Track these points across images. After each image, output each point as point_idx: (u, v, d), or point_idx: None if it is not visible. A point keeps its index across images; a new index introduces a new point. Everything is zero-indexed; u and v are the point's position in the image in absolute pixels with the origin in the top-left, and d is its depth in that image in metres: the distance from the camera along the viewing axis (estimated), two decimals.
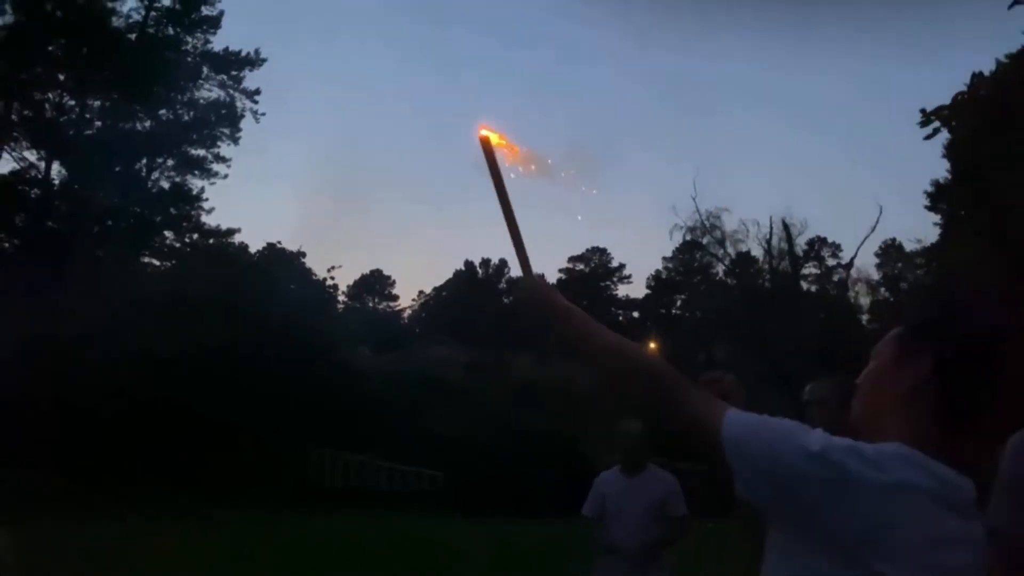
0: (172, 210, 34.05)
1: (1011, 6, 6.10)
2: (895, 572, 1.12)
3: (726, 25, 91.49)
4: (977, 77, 5.46)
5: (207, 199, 34.21)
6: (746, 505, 1.27)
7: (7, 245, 30.51)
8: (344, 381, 22.57)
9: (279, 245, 41.94)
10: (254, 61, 31.94)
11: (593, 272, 71.93)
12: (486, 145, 1.70)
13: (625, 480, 5.06)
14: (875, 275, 41.21)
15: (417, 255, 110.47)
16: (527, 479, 20.04)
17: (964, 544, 1.18)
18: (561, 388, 27.06)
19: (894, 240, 48.16)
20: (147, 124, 33.10)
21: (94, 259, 30.47)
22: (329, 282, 45.28)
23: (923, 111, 5.46)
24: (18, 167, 31.87)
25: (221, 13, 31.39)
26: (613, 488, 5.09)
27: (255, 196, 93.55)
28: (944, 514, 1.17)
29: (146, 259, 35.15)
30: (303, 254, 42.52)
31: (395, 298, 73.60)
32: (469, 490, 19.97)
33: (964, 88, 5.46)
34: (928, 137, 5.52)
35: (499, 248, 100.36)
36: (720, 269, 38.84)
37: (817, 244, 48.23)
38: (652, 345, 47.86)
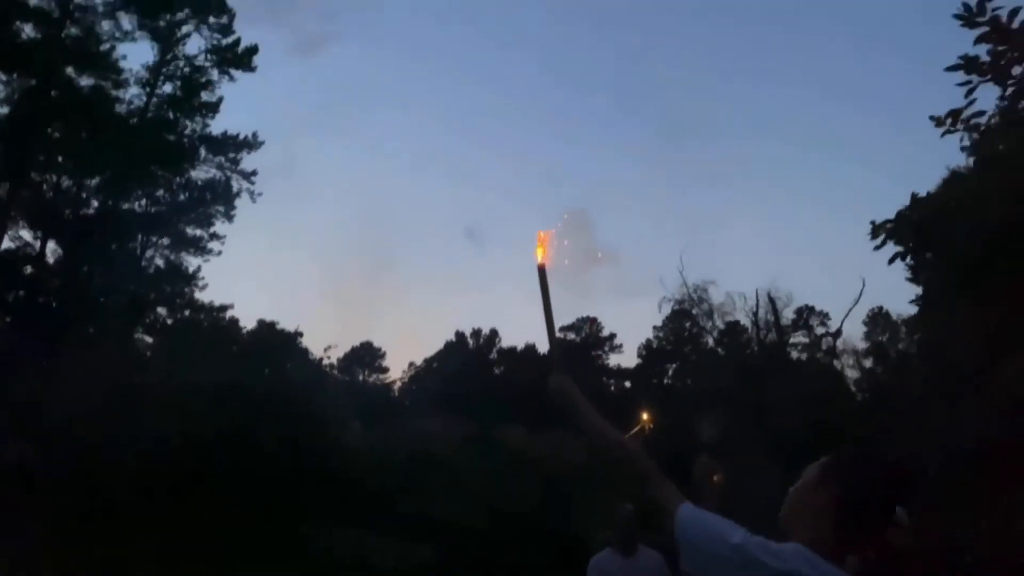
0: (166, 287, 34.42)
1: (947, 68, 5.87)
2: None
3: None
4: (914, 198, 5.72)
5: (203, 276, 34.63)
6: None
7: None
8: (338, 460, 22.66)
9: (278, 326, 43.02)
10: (252, 144, 32.98)
11: (584, 341, 71.93)
12: (541, 270, 2.26)
13: (621, 560, 5.31)
14: (862, 344, 41.65)
15: (408, 326, 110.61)
16: (518, 555, 19.96)
17: None
18: (552, 463, 27.05)
19: (881, 308, 48.99)
20: (143, 203, 33.81)
21: (88, 337, 30.66)
22: (326, 361, 46.42)
23: (872, 223, 5.78)
24: (13, 246, 32.37)
25: (220, 99, 32.82)
26: (613, 569, 5.33)
27: (247, 271, 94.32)
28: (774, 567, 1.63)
29: (140, 336, 35.38)
30: (300, 334, 43.58)
31: (385, 370, 73.32)
32: (460, 567, 19.83)
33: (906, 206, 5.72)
34: (877, 248, 5.82)
35: (490, 318, 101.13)
36: (710, 339, 39.26)
37: (806, 313, 48.88)
38: (645, 416, 47.87)
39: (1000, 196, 5.39)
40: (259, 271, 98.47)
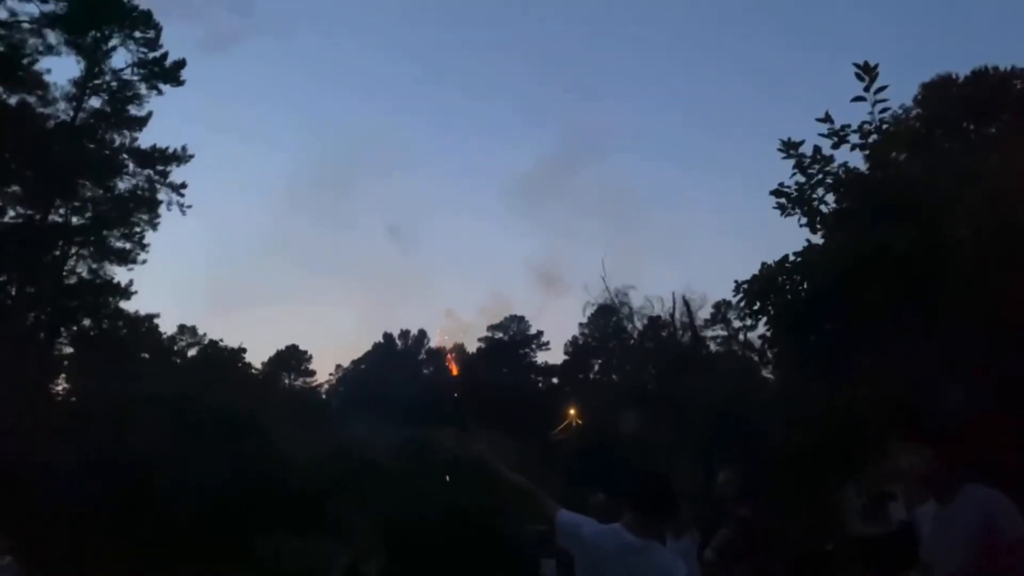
0: (89, 297, 33.93)
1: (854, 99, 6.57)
2: (593, 565, 3.14)
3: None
4: (764, 265, 6.73)
5: (131, 283, 34.34)
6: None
7: None
8: (275, 466, 23.21)
9: (221, 343, 45.04)
10: (181, 157, 32.97)
11: (512, 340, 72.91)
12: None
13: None
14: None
15: (333, 329, 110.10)
16: (459, 553, 20.85)
17: (627, 564, 3.03)
18: (479, 464, 28.05)
19: None
20: (64, 212, 33.25)
21: (12, 349, 30.08)
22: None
23: (736, 282, 6.78)
24: None
25: (150, 114, 32.91)
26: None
27: (171, 279, 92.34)
28: (617, 547, 3.07)
29: (62, 347, 34.74)
30: (244, 350, 46.69)
31: (312, 373, 72.92)
32: (407, 566, 20.51)
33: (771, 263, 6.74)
34: (739, 302, 6.80)
35: (417, 319, 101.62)
36: (633, 333, 41.02)
37: (723, 307, 51.29)
38: (573, 411, 49.34)
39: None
40: (183, 278, 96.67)
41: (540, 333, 72.33)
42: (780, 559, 5.53)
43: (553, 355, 71.21)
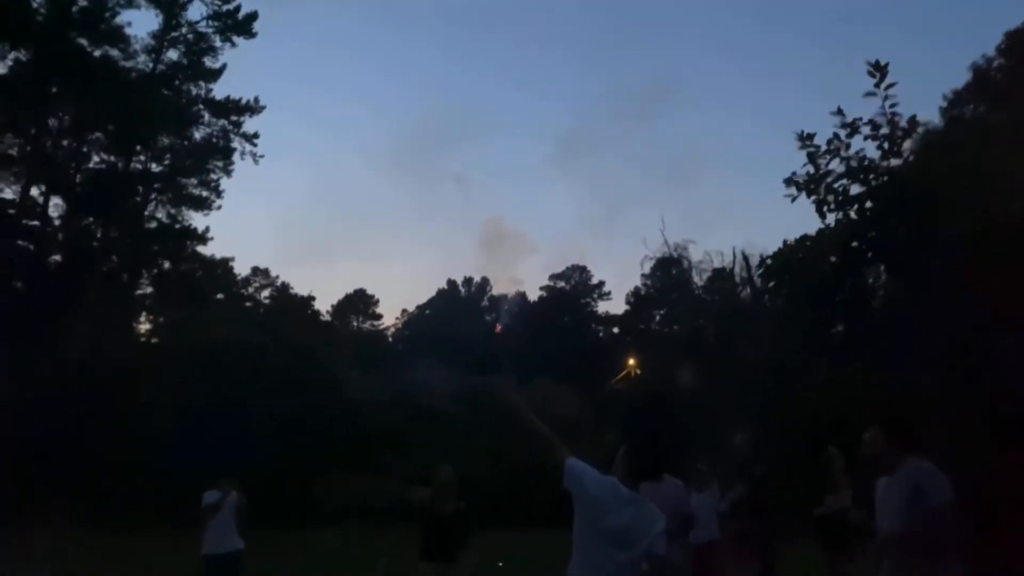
0: (169, 242, 35.62)
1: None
2: (591, 508, 3.51)
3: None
4: (785, 244, 6.90)
5: (208, 230, 35.89)
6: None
7: (17, 284, 31.79)
8: (346, 412, 24.47)
9: (292, 291, 47.79)
10: (253, 108, 34.11)
11: (574, 289, 72.99)
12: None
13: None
14: None
15: (400, 274, 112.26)
16: (515, 500, 21.78)
17: (618, 511, 3.49)
18: (540, 411, 28.77)
19: None
20: (144, 160, 34.78)
21: (98, 289, 31.99)
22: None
23: (761, 257, 6.94)
24: (15, 199, 33.32)
25: (224, 66, 34.04)
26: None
27: (246, 224, 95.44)
28: (612, 496, 3.49)
29: (146, 288, 36.70)
30: (313, 298, 48.70)
31: (379, 317, 74.63)
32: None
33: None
34: (760, 276, 7.01)
35: (481, 267, 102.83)
36: (697, 283, 40.85)
37: None
38: (632, 361, 49.64)
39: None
40: (257, 224, 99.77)
41: (602, 283, 72.19)
42: (789, 515, 6.00)
43: (614, 305, 71.17)
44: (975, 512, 4.23)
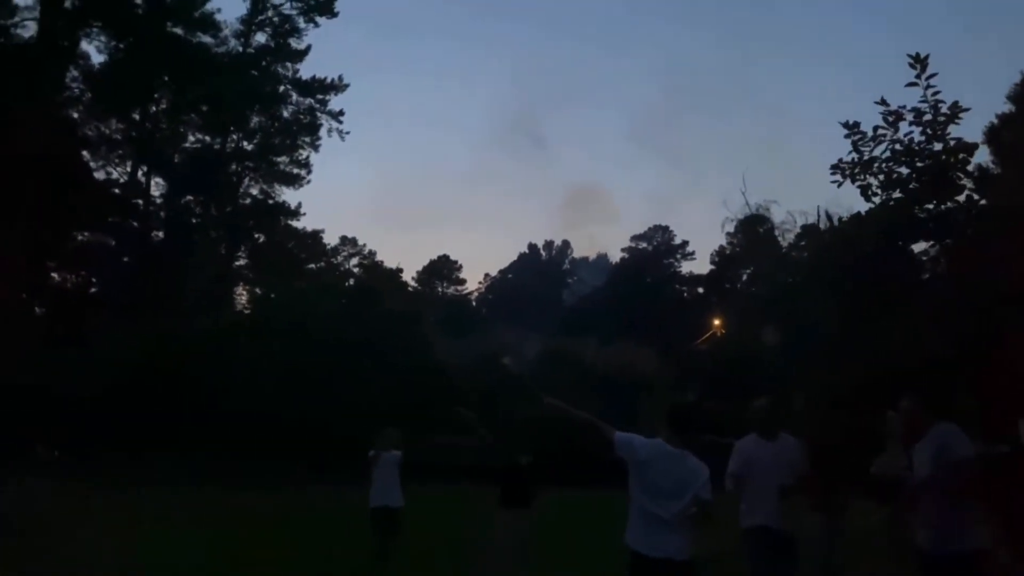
0: (264, 218, 37.41)
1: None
2: (643, 469, 4.14)
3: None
4: (840, 220, 7.02)
5: (300, 205, 37.51)
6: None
7: (125, 259, 34.01)
8: (433, 375, 25.73)
9: (383, 264, 50.36)
10: (338, 86, 35.37)
11: (656, 250, 72.29)
12: None
13: (766, 444, 6.01)
14: None
15: (482, 239, 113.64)
16: (590, 460, 22.38)
17: (667, 468, 4.11)
18: (620, 373, 29.21)
19: None
20: (236, 139, 36.51)
21: (197, 263, 34.05)
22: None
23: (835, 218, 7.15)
24: (121, 180, 35.57)
25: (309, 47, 35.52)
26: (761, 452, 5.96)
27: (333, 195, 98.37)
28: (660, 456, 4.12)
29: (242, 259, 38.75)
30: (400, 270, 51.12)
31: (462, 282, 75.73)
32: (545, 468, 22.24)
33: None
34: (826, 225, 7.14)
35: (561, 230, 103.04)
36: (787, 241, 40.04)
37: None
38: (717, 322, 49.19)
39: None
40: (343, 194, 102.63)
41: (685, 243, 71.19)
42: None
43: (698, 265, 70.24)
44: (1001, 476, 4.64)
